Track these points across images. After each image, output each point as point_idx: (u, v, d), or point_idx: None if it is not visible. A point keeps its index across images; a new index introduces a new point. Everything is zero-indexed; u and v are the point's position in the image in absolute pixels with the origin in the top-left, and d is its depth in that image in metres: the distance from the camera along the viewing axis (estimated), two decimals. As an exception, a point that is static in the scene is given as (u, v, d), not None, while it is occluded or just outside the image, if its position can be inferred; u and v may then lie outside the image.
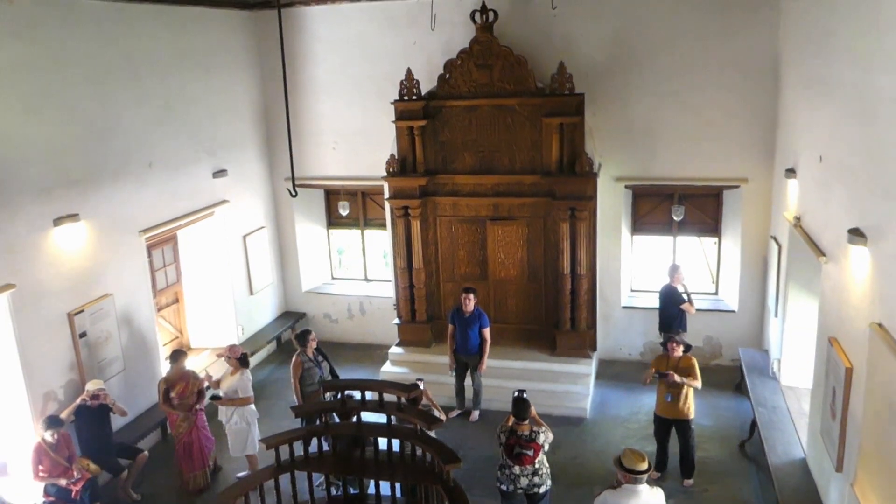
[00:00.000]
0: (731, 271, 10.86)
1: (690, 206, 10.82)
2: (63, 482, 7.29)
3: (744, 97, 10.00)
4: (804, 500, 6.70)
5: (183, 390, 8.33)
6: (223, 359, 8.61)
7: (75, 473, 7.38)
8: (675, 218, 10.78)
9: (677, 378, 7.70)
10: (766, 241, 10.26)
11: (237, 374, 8.37)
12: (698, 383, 7.83)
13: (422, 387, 8.10)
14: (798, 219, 7.99)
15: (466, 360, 9.69)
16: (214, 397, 8.48)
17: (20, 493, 7.15)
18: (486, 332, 9.60)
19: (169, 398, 8.29)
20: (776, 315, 9.38)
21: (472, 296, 9.54)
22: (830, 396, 6.29)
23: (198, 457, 8.40)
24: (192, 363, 10.20)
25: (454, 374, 9.85)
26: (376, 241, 13.06)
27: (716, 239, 11.18)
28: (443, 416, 8.16)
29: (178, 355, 8.52)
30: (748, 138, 10.13)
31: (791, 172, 8.47)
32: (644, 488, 5.66)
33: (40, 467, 7.28)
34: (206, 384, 8.63)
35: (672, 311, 9.82)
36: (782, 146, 9.54)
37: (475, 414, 9.77)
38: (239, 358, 8.40)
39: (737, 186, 10.39)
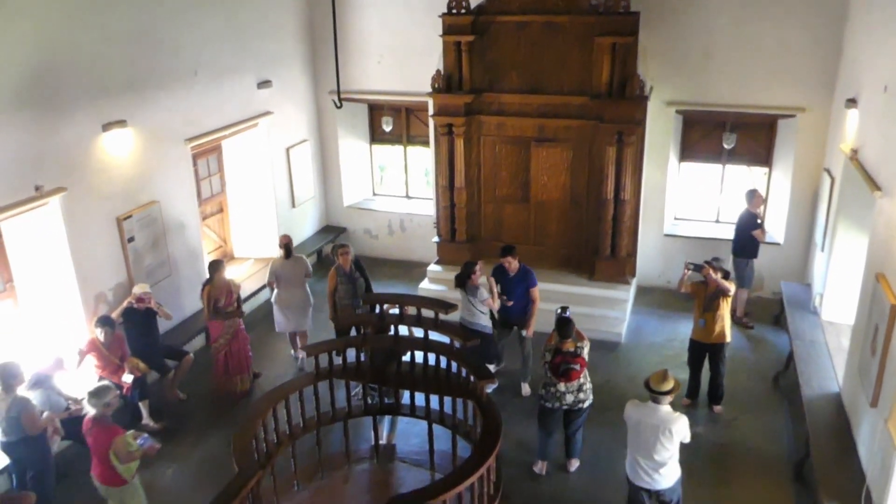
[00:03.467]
0: (780, 203, 10.61)
1: (742, 135, 10.50)
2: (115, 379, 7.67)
3: (806, 23, 9.54)
4: (835, 433, 6.71)
5: (228, 301, 8.58)
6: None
7: (126, 371, 7.74)
8: (725, 146, 10.49)
9: (712, 273, 7.64)
10: (819, 173, 9.96)
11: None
12: (732, 287, 7.75)
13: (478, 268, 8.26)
14: (855, 151, 7.73)
15: (514, 324, 8.60)
16: None
17: (75, 387, 7.52)
18: (535, 291, 8.44)
19: (217, 308, 8.51)
20: (822, 249, 9.21)
21: (510, 258, 8.35)
22: (872, 333, 6.21)
23: (241, 361, 8.72)
24: (234, 272, 10.48)
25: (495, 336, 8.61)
26: (419, 158, 13.00)
27: (766, 170, 10.88)
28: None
29: (218, 265, 8.66)
30: (808, 66, 9.71)
31: (852, 103, 8.14)
32: (664, 409, 5.80)
33: (95, 363, 7.64)
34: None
35: (746, 237, 9.74)
36: (845, 75, 9.14)
37: (525, 388, 8.63)
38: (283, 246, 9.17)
39: (793, 116, 10.03)
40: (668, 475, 5.99)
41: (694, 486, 6.70)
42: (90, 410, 6.02)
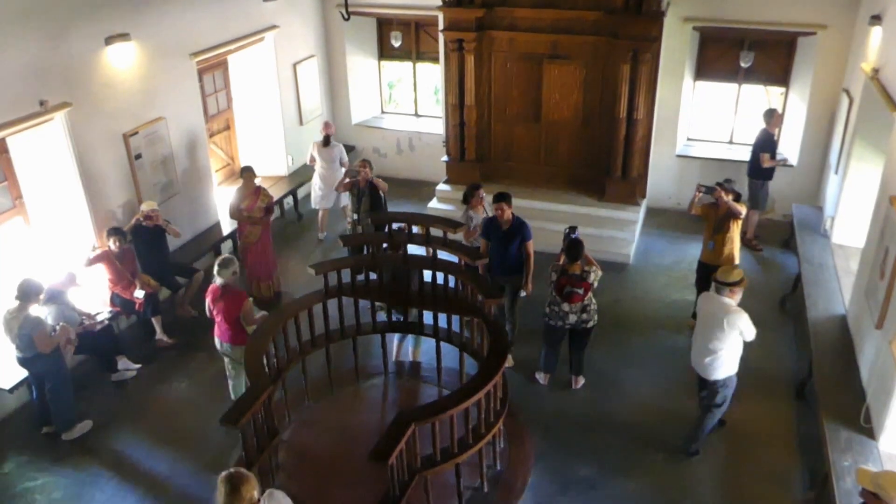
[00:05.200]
0: (795, 124, 10.41)
1: (760, 54, 10.21)
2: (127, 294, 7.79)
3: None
4: (838, 354, 6.77)
5: (251, 205, 8.72)
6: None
7: (138, 287, 7.83)
8: (742, 65, 10.23)
9: (724, 196, 7.59)
10: (837, 94, 9.73)
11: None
12: (743, 209, 7.70)
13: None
14: (876, 71, 7.52)
15: (506, 283, 7.65)
16: None
17: (88, 301, 7.63)
18: (530, 245, 7.52)
19: (239, 210, 8.80)
20: (836, 172, 9.10)
21: (505, 205, 7.39)
22: (882, 256, 6.18)
23: (262, 267, 8.93)
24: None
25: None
26: (428, 75, 12.75)
27: (783, 89, 10.63)
28: None
29: (246, 169, 8.94)
30: (833, -21, 9.36)
31: (876, 19, 7.88)
32: (724, 300, 6.01)
33: (108, 276, 7.73)
34: (274, 201, 9.28)
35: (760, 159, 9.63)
36: (870, -10, 8.81)
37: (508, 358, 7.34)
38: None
39: (813, 33, 9.72)
40: (719, 367, 6.15)
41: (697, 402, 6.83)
42: (218, 280, 6.62)
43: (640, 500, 6.13)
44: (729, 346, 6.08)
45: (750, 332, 6.07)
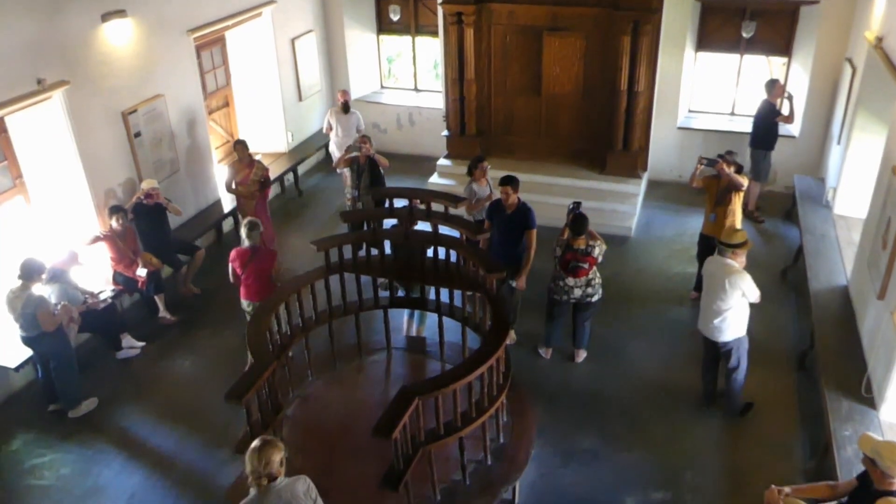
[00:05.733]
0: (798, 95, 10.33)
1: (762, 23, 10.12)
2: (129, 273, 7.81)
3: None
4: (840, 325, 6.79)
5: (245, 178, 8.82)
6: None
7: (140, 266, 7.84)
8: (744, 35, 10.14)
9: (725, 168, 7.57)
10: (840, 63, 9.66)
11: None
12: (745, 181, 7.67)
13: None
14: (880, 39, 7.45)
15: (508, 273, 7.09)
16: None
17: (91, 280, 7.65)
18: (533, 235, 7.24)
19: (234, 184, 8.93)
20: (839, 142, 9.05)
21: (510, 189, 7.14)
22: (884, 226, 6.17)
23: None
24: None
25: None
26: (427, 49, 12.65)
27: (785, 59, 10.54)
28: None
29: (238, 144, 9.04)
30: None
31: (880, -13, 7.79)
32: (727, 262, 6.10)
33: (110, 255, 7.74)
34: (268, 175, 9.24)
35: (762, 129, 9.57)
36: (874, -43, 8.69)
37: (511, 334, 7.54)
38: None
39: (816, 2, 9.63)
40: (726, 329, 6.23)
41: (699, 373, 6.87)
42: (246, 242, 6.95)
43: (642, 470, 6.19)
44: (734, 308, 6.13)
45: (752, 294, 6.11)
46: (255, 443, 3.99)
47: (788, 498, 4.77)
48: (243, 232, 7.00)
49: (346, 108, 10.52)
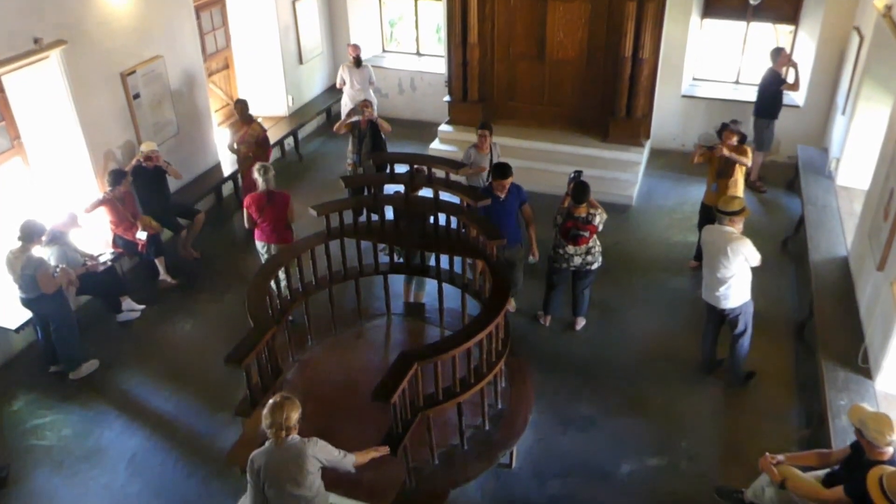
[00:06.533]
0: (803, 64, 10.22)
1: (770, -10, 9.98)
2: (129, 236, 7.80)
3: None
4: (839, 296, 6.80)
5: (243, 136, 8.90)
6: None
7: (140, 229, 7.83)
8: (751, 2, 9.98)
9: (726, 152, 7.51)
10: (848, 32, 9.53)
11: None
12: (747, 160, 7.63)
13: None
14: (889, 8, 7.34)
15: (504, 257, 7.00)
16: None
17: (91, 243, 7.64)
18: (528, 208, 7.21)
19: (234, 143, 9.01)
20: (843, 113, 8.98)
21: (505, 182, 6.92)
22: (887, 197, 6.15)
23: None
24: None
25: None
26: (430, 12, 12.48)
27: (792, 28, 10.40)
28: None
29: (238, 103, 9.07)
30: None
31: (891, -47, 7.64)
32: (727, 229, 6.11)
33: (109, 219, 7.72)
34: (266, 135, 9.31)
35: (767, 98, 9.47)
36: (886, -78, 8.53)
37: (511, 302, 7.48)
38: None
39: (825, -32, 9.48)
40: (731, 296, 6.25)
41: (698, 342, 6.90)
42: (262, 186, 7.13)
43: (640, 436, 6.24)
44: (737, 274, 6.14)
45: (754, 258, 6.13)
46: (276, 398, 4.17)
47: (782, 465, 4.84)
48: (257, 176, 7.19)
49: (357, 62, 10.61)
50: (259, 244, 7.49)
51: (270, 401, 4.19)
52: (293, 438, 4.21)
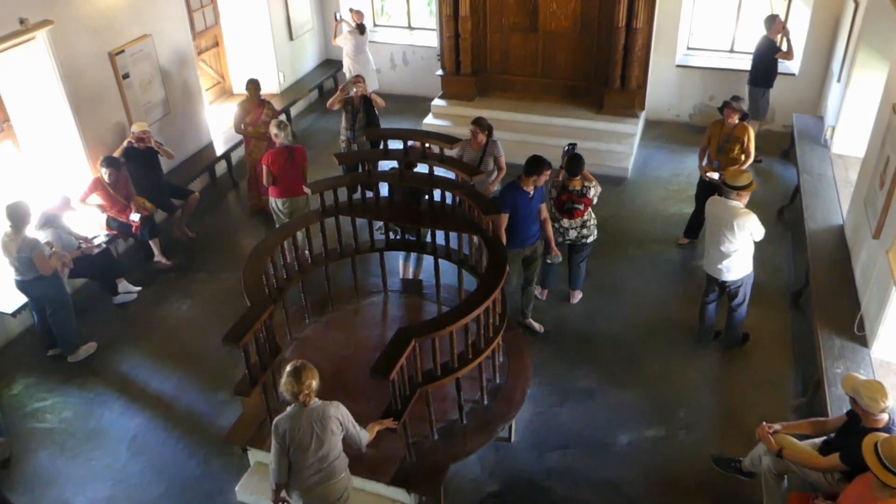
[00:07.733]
0: (798, 31, 10.14)
1: (764, -45, 9.87)
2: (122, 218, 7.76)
3: None
4: (834, 264, 6.81)
5: (255, 119, 8.64)
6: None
7: (133, 211, 7.79)
8: (745, -32, 9.89)
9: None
10: (843, -3, 9.45)
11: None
12: (750, 160, 7.62)
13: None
14: (884, -28, 7.26)
15: (524, 255, 6.85)
16: None
17: (84, 225, 7.61)
18: (544, 207, 6.82)
19: (243, 124, 8.74)
20: (839, 80, 8.92)
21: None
22: (882, 165, 6.13)
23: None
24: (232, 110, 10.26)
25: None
26: (420, -15, 12.35)
27: (787, -6, 10.32)
28: None
29: (250, 83, 8.76)
30: None
31: (886, -84, 7.55)
32: (732, 203, 6.12)
33: (100, 202, 7.68)
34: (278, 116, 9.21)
35: (761, 66, 9.41)
36: None
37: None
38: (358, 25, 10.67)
39: (820, -67, 9.37)
40: (733, 269, 6.28)
41: (695, 313, 6.92)
42: (284, 140, 7.40)
43: (638, 408, 6.28)
44: (741, 248, 6.17)
45: (759, 232, 6.16)
46: (292, 366, 4.26)
47: (779, 434, 4.88)
48: (277, 131, 7.40)
49: (361, 29, 10.63)
50: (279, 202, 7.59)
51: (289, 367, 4.26)
52: (315, 403, 4.32)
